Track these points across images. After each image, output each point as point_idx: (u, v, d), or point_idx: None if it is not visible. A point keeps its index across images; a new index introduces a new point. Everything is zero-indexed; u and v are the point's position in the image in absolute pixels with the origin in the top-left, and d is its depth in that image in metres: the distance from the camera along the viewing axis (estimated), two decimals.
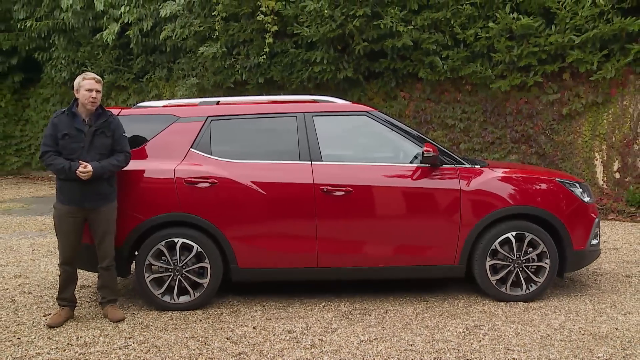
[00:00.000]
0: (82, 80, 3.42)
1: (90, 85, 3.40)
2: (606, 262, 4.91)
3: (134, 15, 9.64)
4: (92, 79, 3.42)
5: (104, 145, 3.45)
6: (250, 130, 3.88)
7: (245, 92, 9.11)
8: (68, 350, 3.10)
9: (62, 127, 3.39)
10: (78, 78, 3.47)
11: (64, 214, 3.43)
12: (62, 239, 3.47)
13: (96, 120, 3.45)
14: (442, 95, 8.25)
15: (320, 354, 3.00)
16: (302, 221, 3.69)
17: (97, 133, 3.43)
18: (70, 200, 3.42)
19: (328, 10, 7.55)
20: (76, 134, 3.39)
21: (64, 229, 3.44)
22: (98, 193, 3.43)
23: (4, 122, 12.97)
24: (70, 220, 3.43)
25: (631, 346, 3.06)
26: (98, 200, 3.44)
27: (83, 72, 3.58)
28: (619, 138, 7.32)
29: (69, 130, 3.38)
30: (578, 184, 3.97)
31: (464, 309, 3.68)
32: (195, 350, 3.07)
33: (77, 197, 3.40)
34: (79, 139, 3.39)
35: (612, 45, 7.00)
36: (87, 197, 3.41)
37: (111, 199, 3.52)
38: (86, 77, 3.43)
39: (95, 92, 3.41)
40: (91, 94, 3.39)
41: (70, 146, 3.38)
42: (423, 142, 3.82)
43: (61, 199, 3.44)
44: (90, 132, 3.41)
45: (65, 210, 3.42)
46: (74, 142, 3.38)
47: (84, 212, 3.43)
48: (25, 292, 4.26)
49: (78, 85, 3.43)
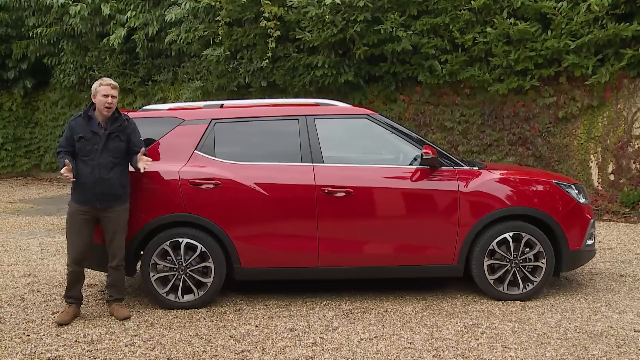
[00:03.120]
0: (98, 86, 3.50)
1: (106, 91, 3.48)
2: (601, 262, 4.97)
3: (139, 20, 9.74)
4: (108, 85, 3.51)
5: (118, 148, 3.52)
6: (253, 132, 3.94)
7: (249, 96, 9.18)
8: (76, 347, 3.16)
9: (79, 129, 3.49)
10: (95, 83, 3.55)
11: (76, 212, 3.51)
12: (73, 236, 3.52)
13: (112, 124, 3.53)
14: (441, 98, 8.33)
15: (321, 351, 3.05)
16: (303, 222, 3.75)
17: (112, 136, 3.51)
18: (83, 199, 3.49)
19: (329, 16, 7.63)
20: (91, 136, 3.48)
21: (76, 227, 3.50)
22: (111, 194, 3.50)
23: (15, 124, 13.10)
24: (81, 218, 3.49)
25: (625, 344, 3.10)
26: (110, 201, 3.51)
27: (100, 78, 3.65)
28: (613, 140, 7.40)
29: (84, 133, 3.48)
30: (574, 186, 4.03)
31: (462, 308, 3.73)
32: (199, 348, 3.12)
33: (90, 197, 3.48)
34: (94, 142, 3.47)
35: (607, 50, 7.10)
36: (100, 197, 3.48)
37: (123, 199, 3.58)
38: (103, 83, 3.51)
39: (111, 98, 3.49)
40: (107, 99, 3.47)
41: (85, 148, 3.47)
42: (422, 144, 3.88)
43: (75, 198, 3.53)
44: (105, 135, 3.49)
45: (78, 209, 3.50)
46: (89, 145, 3.47)
47: (96, 211, 3.50)
48: (35, 291, 4.32)
49: (95, 90, 3.51)
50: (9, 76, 12.27)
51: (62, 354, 3.07)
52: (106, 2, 9.97)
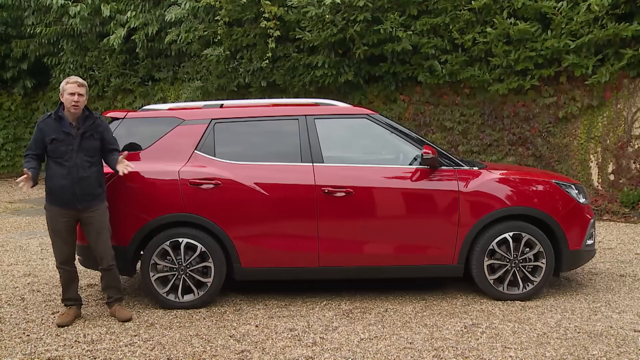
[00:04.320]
0: (65, 85, 3.39)
1: (72, 89, 3.36)
2: (601, 262, 4.97)
3: (139, 20, 9.74)
4: (74, 82, 3.38)
5: (92, 147, 3.46)
6: (253, 132, 3.94)
7: (248, 95, 9.18)
8: (76, 347, 3.16)
9: (50, 131, 3.38)
10: (63, 82, 3.45)
11: (56, 215, 3.42)
12: (57, 239, 3.46)
13: (84, 123, 3.44)
14: (440, 98, 8.34)
15: (321, 351, 3.05)
16: (303, 221, 3.75)
17: (86, 135, 3.43)
18: (62, 201, 3.40)
19: (329, 16, 7.64)
20: (64, 137, 3.37)
21: (58, 230, 3.44)
22: (90, 193, 3.43)
23: (15, 124, 13.11)
24: (62, 221, 3.42)
25: (625, 344, 3.11)
26: (90, 201, 3.44)
27: (67, 77, 3.55)
28: (613, 140, 7.41)
29: (56, 134, 3.37)
30: (574, 186, 4.03)
31: (462, 308, 3.74)
32: (199, 348, 3.12)
33: (70, 198, 3.39)
34: (67, 142, 3.38)
35: (607, 50, 7.10)
36: (80, 197, 3.40)
37: (102, 198, 3.52)
38: (69, 82, 3.39)
39: (78, 96, 3.36)
40: (73, 97, 3.36)
41: (59, 149, 3.38)
42: (422, 144, 3.88)
43: (52, 201, 3.43)
44: (79, 134, 3.41)
45: (58, 212, 3.42)
46: (62, 146, 3.37)
47: (77, 212, 3.43)
48: (34, 291, 4.32)
49: (62, 89, 3.40)
50: (9, 76, 12.28)
51: (62, 354, 3.07)
52: (106, 3, 9.98)
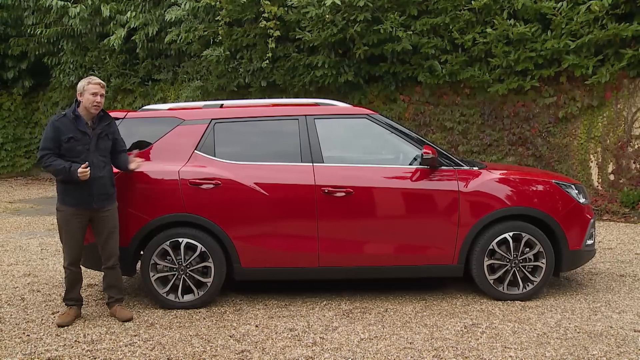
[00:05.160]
0: (87, 85, 3.42)
1: (95, 89, 3.41)
2: (601, 262, 4.97)
3: (139, 20, 9.74)
4: (97, 83, 3.44)
5: (106, 147, 3.51)
6: (253, 132, 3.94)
7: (249, 96, 9.19)
8: (76, 347, 3.16)
9: (66, 130, 3.40)
10: (83, 81, 3.47)
11: (70, 216, 3.45)
12: (69, 240, 3.48)
13: (99, 123, 3.49)
14: (440, 98, 8.34)
15: (321, 351, 3.06)
16: (303, 221, 3.76)
17: (101, 136, 3.48)
18: (78, 202, 3.44)
19: (329, 16, 7.64)
20: (81, 137, 3.41)
21: (72, 230, 3.46)
22: (105, 193, 3.49)
23: (15, 124, 13.12)
24: (77, 221, 3.45)
25: (625, 344, 3.11)
26: (105, 201, 3.50)
27: (88, 76, 3.58)
28: (613, 140, 7.41)
29: (73, 133, 3.40)
30: (574, 186, 4.03)
31: (462, 308, 3.74)
32: (199, 348, 3.12)
33: (86, 198, 3.43)
34: (84, 142, 3.41)
35: (607, 50, 7.10)
36: (95, 198, 3.45)
37: (114, 198, 3.58)
38: (91, 82, 3.44)
39: (100, 97, 3.43)
40: (95, 98, 3.41)
41: (76, 149, 3.40)
42: (422, 144, 3.89)
43: (67, 201, 3.45)
44: (95, 134, 3.45)
45: (72, 212, 3.44)
46: (79, 145, 3.40)
47: (91, 212, 3.47)
48: (34, 291, 4.32)
49: (82, 89, 3.43)
50: (9, 76, 12.28)
51: (62, 354, 3.07)
52: (106, 3, 9.98)
